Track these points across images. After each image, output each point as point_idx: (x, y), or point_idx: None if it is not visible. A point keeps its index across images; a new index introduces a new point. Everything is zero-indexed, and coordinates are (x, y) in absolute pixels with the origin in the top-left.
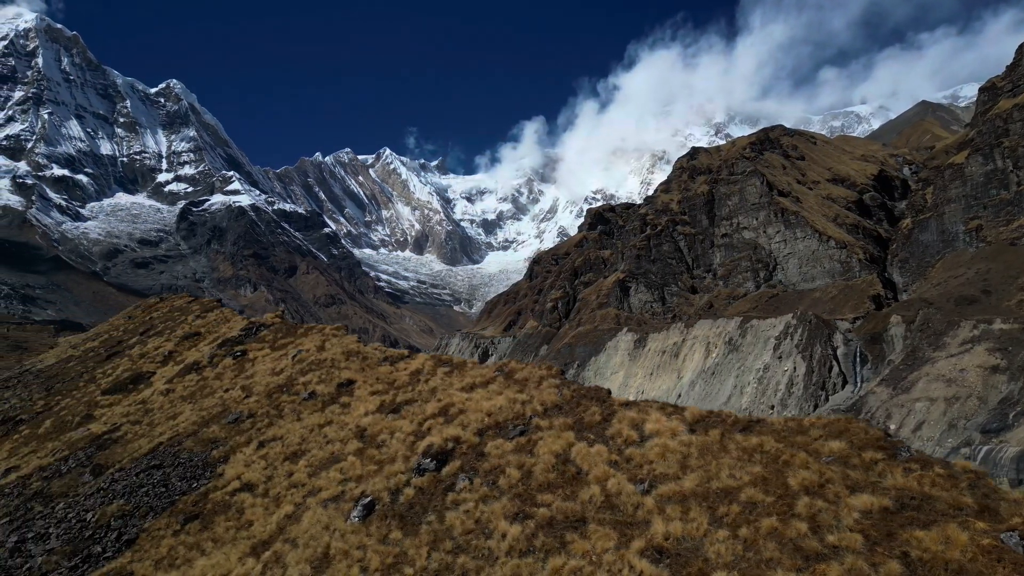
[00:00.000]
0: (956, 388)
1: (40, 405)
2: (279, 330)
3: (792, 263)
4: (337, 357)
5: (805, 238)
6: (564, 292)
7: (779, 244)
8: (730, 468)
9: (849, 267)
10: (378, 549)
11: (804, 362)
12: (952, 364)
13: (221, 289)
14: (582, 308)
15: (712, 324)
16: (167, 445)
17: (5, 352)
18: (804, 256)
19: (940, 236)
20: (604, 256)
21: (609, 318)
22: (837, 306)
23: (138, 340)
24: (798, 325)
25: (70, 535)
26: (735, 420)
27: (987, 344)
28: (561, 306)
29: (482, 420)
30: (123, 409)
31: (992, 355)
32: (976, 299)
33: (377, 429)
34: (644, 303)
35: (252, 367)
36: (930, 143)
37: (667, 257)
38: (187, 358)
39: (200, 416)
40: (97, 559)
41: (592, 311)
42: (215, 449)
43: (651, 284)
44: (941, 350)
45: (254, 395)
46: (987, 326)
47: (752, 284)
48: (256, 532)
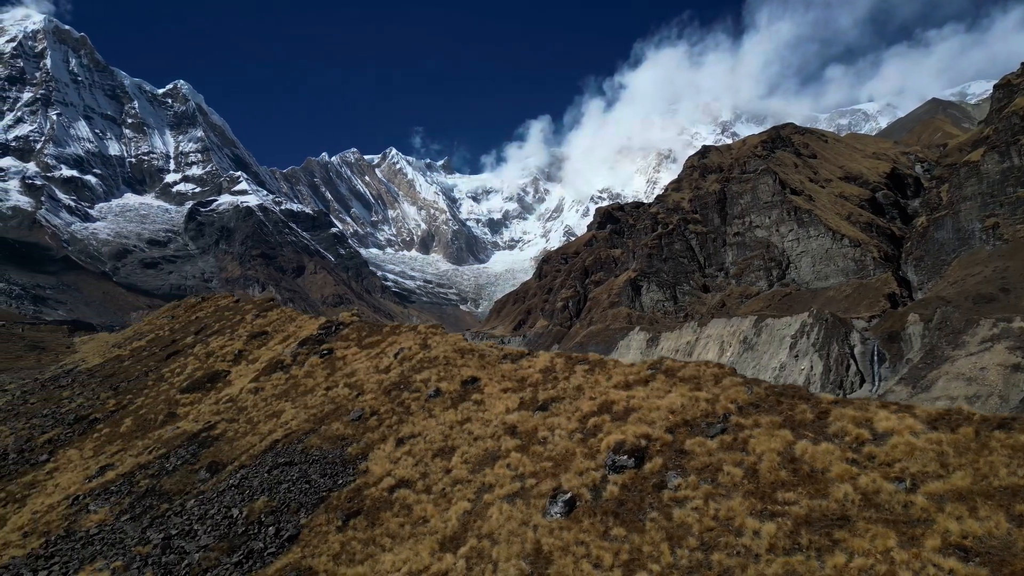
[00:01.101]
0: (977, 387)
1: (112, 404)
2: (361, 328)
3: (805, 261)
4: (450, 355)
5: (818, 236)
6: (574, 291)
7: (792, 242)
8: (1006, 466)
9: (863, 265)
10: (603, 545)
11: (821, 361)
12: (972, 363)
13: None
14: (593, 307)
15: (726, 323)
16: (285, 443)
17: (23, 352)
18: (817, 254)
19: (956, 234)
20: (615, 255)
21: (621, 317)
22: (852, 305)
23: (197, 340)
24: (814, 324)
25: (220, 532)
26: (983, 418)
27: (1007, 342)
28: (572, 305)
29: (666, 418)
30: (210, 407)
31: (1013, 353)
32: (994, 297)
33: (530, 426)
34: (656, 302)
35: (346, 365)
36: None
37: (679, 256)
38: (261, 356)
39: (310, 414)
40: (261, 555)
41: (603, 310)
42: (348, 446)
43: (663, 283)
44: (960, 349)
45: (368, 393)
46: (1007, 324)
47: (765, 283)
48: (436, 528)
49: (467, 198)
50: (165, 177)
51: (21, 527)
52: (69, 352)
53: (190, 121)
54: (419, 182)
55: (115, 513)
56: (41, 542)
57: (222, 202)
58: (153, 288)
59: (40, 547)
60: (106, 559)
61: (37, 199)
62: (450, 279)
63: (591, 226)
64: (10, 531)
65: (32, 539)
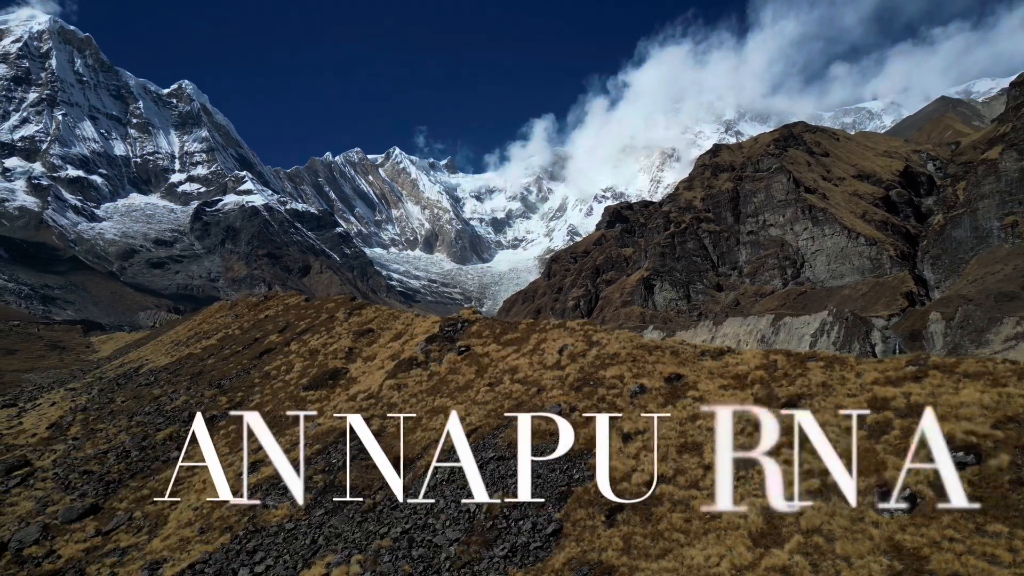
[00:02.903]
0: None
1: (224, 402)
2: (492, 326)
3: (820, 260)
4: (634, 352)
5: (834, 235)
6: (586, 290)
7: (807, 241)
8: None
9: (880, 264)
10: (985, 542)
11: None
12: None
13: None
14: (605, 306)
15: (743, 321)
16: (476, 438)
17: (45, 352)
18: (833, 253)
19: (974, 232)
20: (625, 254)
21: (634, 316)
22: (868, 303)
23: (288, 338)
24: (834, 322)
25: (461, 525)
26: None
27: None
28: (583, 304)
29: (983, 414)
30: (346, 404)
31: None
32: (1016, 295)
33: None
34: (669, 301)
35: (496, 362)
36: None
37: (692, 254)
38: (378, 354)
39: (487, 410)
40: (528, 549)
41: (616, 309)
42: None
43: (676, 282)
44: (984, 347)
45: (551, 389)
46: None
47: (779, 281)
48: (735, 522)
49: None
50: (170, 177)
51: (189, 522)
52: (90, 351)
53: (195, 121)
54: (422, 181)
55: (299, 508)
56: (227, 537)
57: (227, 202)
58: (160, 288)
59: (231, 542)
60: (336, 552)
61: (43, 199)
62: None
63: (599, 225)
64: (179, 527)
65: (214, 535)
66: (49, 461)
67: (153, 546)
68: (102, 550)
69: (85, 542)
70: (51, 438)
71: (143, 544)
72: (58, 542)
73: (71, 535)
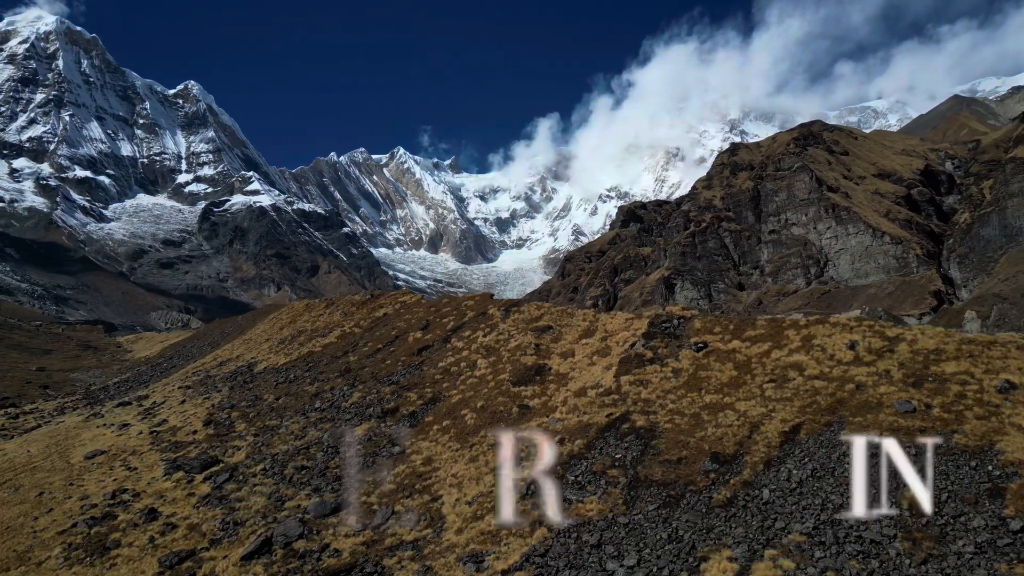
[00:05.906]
0: None
1: (413, 398)
2: (718, 322)
3: (844, 259)
4: (961, 347)
5: (858, 233)
6: (604, 290)
7: (830, 240)
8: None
9: (906, 263)
10: None
11: None
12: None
13: (245, 289)
14: (624, 305)
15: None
16: (806, 433)
17: (79, 351)
18: (857, 252)
19: (1003, 231)
20: (644, 253)
21: None
22: (895, 302)
23: (444, 336)
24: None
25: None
26: None
27: None
28: (601, 303)
29: None
30: (573, 399)
31: None
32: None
33: None
34: (690, 300)
35: (756, 359)
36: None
37: (713, 254)
38: (575, 350)
39: (796, 407)
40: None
41: (636, 308)
42: (953, 436)
43: (697, 281)
44: None
45: (871, 386)
46: None
47: (802, 280)
48: None
49: (475, 197)
50: (177, 178)
51: (475, 516)
52: (122, 351)
53: (201, 122)
54: (427, 181)
55: (614, 501)
56: (543, 531)
57: (235, 202)
58: (170, 288)
59: (550, 535)
60: (729, 547)
61: (52, 200)
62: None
63: (613, 224)
64: (466, 520)
65: (523, 528)
66: (242, 457)
67: (449, 539)
68: (382, 544)
69: (356, 536)
70: (216, 435)
71: (430, 537)
72: (325, 536)
73: (333, 529)
